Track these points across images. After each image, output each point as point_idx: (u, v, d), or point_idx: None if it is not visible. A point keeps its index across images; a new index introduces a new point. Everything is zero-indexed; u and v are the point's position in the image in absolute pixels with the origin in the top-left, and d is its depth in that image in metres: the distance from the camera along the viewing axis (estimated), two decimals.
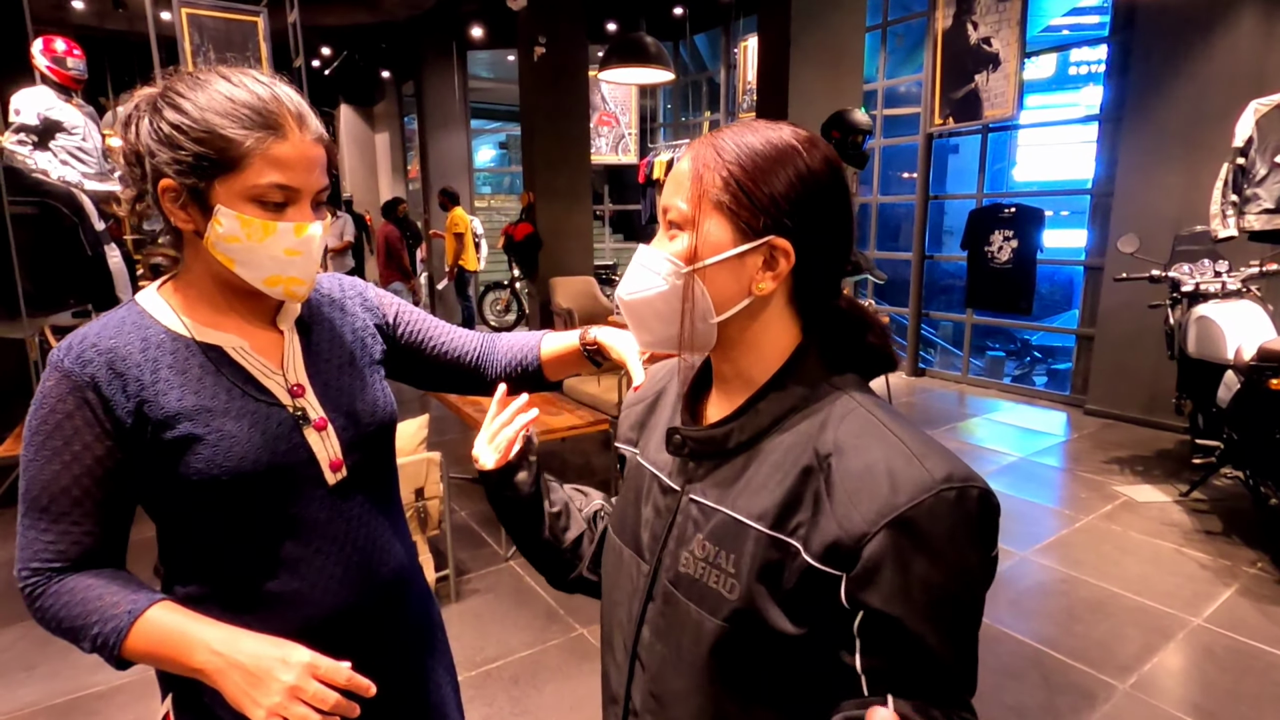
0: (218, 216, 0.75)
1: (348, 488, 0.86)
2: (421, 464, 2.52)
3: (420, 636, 0.97)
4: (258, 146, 0.74)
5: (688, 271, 0.63)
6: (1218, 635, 2.39)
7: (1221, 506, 3.39)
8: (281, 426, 0.81)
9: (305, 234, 0.77)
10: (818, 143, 0.64)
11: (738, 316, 0.64)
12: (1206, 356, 3.29)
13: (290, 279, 0.79)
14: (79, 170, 3.83)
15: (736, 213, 0.61)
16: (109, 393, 0.74)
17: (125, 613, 0.73)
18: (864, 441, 0.60)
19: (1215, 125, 3.96)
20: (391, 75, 10.73)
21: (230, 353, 0.81)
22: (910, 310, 6.25)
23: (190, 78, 0.76)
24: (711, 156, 0.62)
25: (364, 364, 0.92)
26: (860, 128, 3.66)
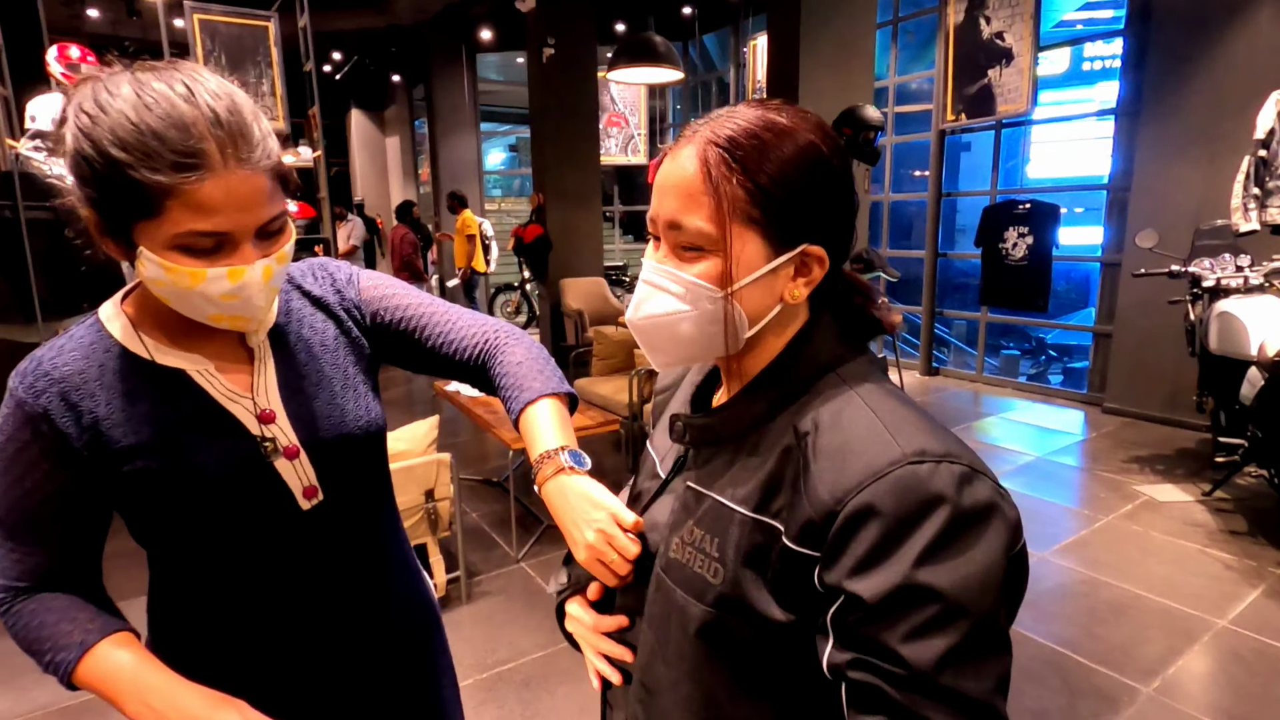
0: (141, 259, 0.65)
1: (324, 512, 0.81)
2: (432, 465, 2.51)
3: (415, 645, 0.94)
4: (177, 189, 0.61)
5: (724, 296, 0.59)
6: (1245, 638, 2.34)
7: (1246, 506, 3.32)
8: (247, 457, 0.75)
9: (241, 280, 0.66)
10: (831, 138, 0.60)
11: (767, 326, 0.62)
12: (1229, 352, 3.23)
13: (235, 318, 0.70)
14: None
15: (766, 225, 0.57)
16: (62, 425, 0.70)
17: (77, 644, 0.72)
18: (840, 418, 0.57)
19: (1235, 117, 3.89)
20: (402, 79, 10.79)
21: (194, 376, 0.75)
22: (924, 309, 6.19)
23: (108, 84, 0.63)
24: (725, 162, 0.56)
25: (346, 373, 0.84)
26: (872, 124, 3.63)
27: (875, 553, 0.50)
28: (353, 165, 12.22)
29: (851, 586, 0.51)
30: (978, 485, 0.52)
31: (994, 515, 0.52)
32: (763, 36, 6.81)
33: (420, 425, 2.65)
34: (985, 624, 0.50)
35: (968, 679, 0.49)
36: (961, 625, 0.49)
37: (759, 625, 0.57)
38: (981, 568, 0.50)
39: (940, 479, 0.51)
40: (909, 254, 6.43)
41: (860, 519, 0.51)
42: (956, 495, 0.50)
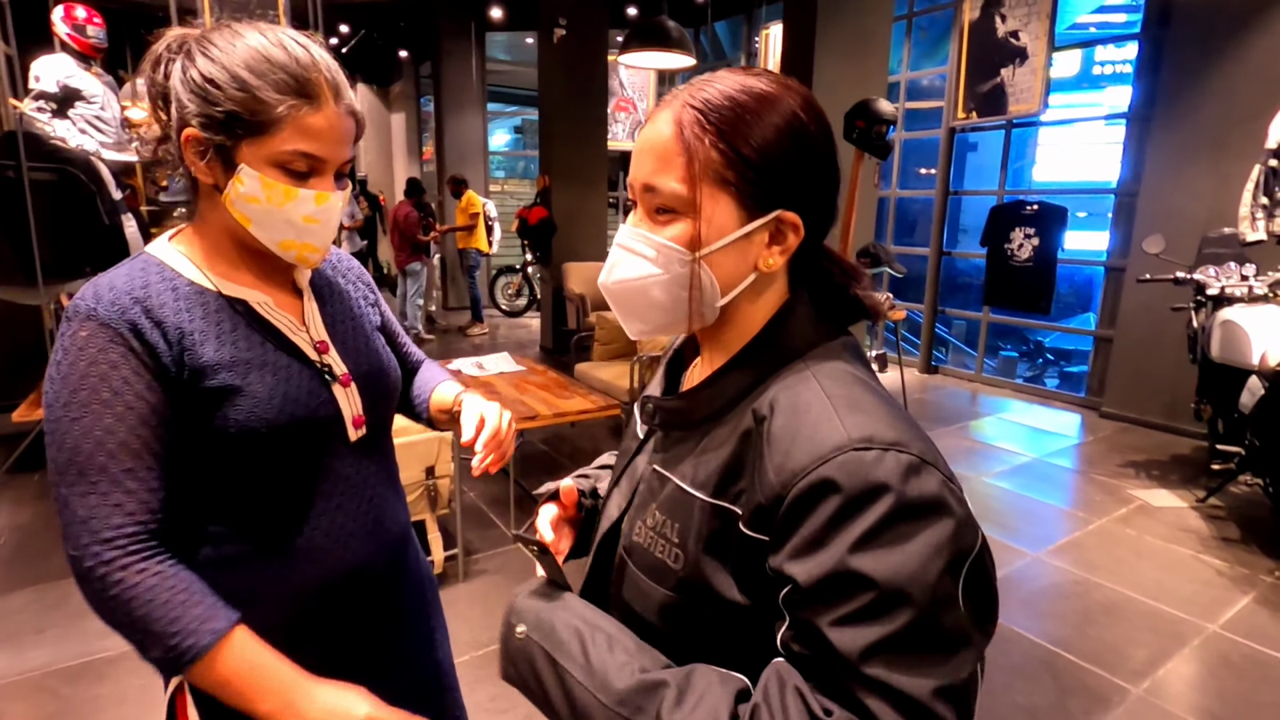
0: (240, 175, 0.72)
1: (366, 445, 0.87)
2: (433, 442, 2.51)
3: (421, 594, 0.99)
4: (291, 114, 0.71)
5: (693, 259, 0.58)
6: (1234, 643, 2.36)
7: (1240, 513, 3.34)
8: (312, 381, 0.81)
9: (326, 203, 0.76)
10: (811, 104, 0.59)
11: (738, 296, 0.61)
12: (1230, 361, 3.24)
13: (305, 245, 0.78)
14: (97, 139, 3.82)
15: (741, 188, 0.56)
16: (151, 339, 0.71)
17: (209, 631, 0.68)
18: (795, 401, 0.56)
19: (1247, 126, 3.88)
20: (409, 55, 10.68)
21: (256, 307, 0.80)
22: (926, 307, 6.20)
23: (229, 30, 0.74)
24: (700, 123, 0.56)
25: (371, 330, 0.94)
26: (885, 117, 3.60)
27: (814, 537, 0.50)
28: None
29: (790, 570, 0.50)
30: (925, 477, 0.50)
31: (939, 509, 0.50)
32: (775, 25, 6.75)
33: None
34: (926, 621, 0.48)
35: (900, 674, 0.47)
36: (897, 617, 0.47)
37: (720, 608, 0.57)
38: (919, 561, 0.48)
39: (885, 467, 0.49)
40: (913, 251, 6.42)
41: (803, 503, 0.51)
42: (901, 484, 0.49)
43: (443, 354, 6.42)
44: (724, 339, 0.64)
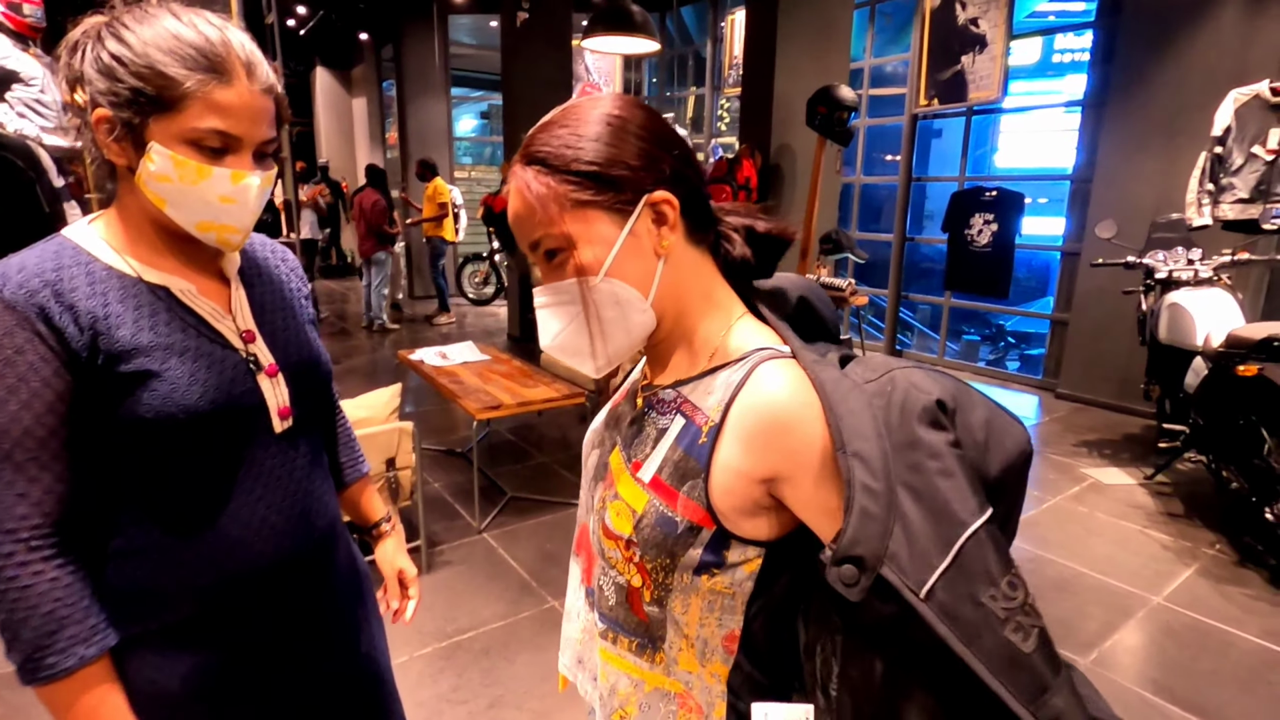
0: (150, 154, 0.71)
1: (293, 436, 0.86)
2: (393, 433, 2.48)
3: (351, 587, 0.98)
4: (199, 89, 0.70)
5: (599, 283, 0.61)
6: (1176, 613, 2.46)
7: (1184, 490, 3.47)
8: (235, 370, 0.80)
9: (242, 182, 0.74)
10: (618, 96, 0.64)
11: (664, 288, 0.63)
12: (1176, 342, 3.35)
13: (224, 226, 0.76)
14: (37, 123, 3.66)
15: (602, 199, 0.60)
16: (60, 323, 0.69)
17: (76, 654, 0.69)
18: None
19: (1195, 114, 3.99)
20: (370, 38, 10.42)
21: (178, 294, 0.79)
22: (890, 292, 6.28)
23: (139, 11, 0.73)
24: (536, 174, 0.60)
25: (303, 320, 0.93)
26: (846, 104, 3.63)
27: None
28: (317, 126, 11.83)
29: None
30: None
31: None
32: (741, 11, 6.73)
33: (383, 393, 2.61)
34: None
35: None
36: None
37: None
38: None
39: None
40: (877, 237, 6.50)
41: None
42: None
43: (410, 343, 6.33)
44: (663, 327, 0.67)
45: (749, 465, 0.58)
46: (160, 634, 0.77)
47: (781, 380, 0.59)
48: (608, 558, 0.67)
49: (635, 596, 0.65)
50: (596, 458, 0.75)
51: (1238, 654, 2.24)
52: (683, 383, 0.66)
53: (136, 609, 0.76)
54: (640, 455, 0.65)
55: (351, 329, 7.27)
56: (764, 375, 0.59)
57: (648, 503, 0.62)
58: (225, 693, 0.81)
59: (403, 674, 2.08)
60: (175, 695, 0.78)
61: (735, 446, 0.59)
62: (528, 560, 2.74)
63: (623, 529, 0.63)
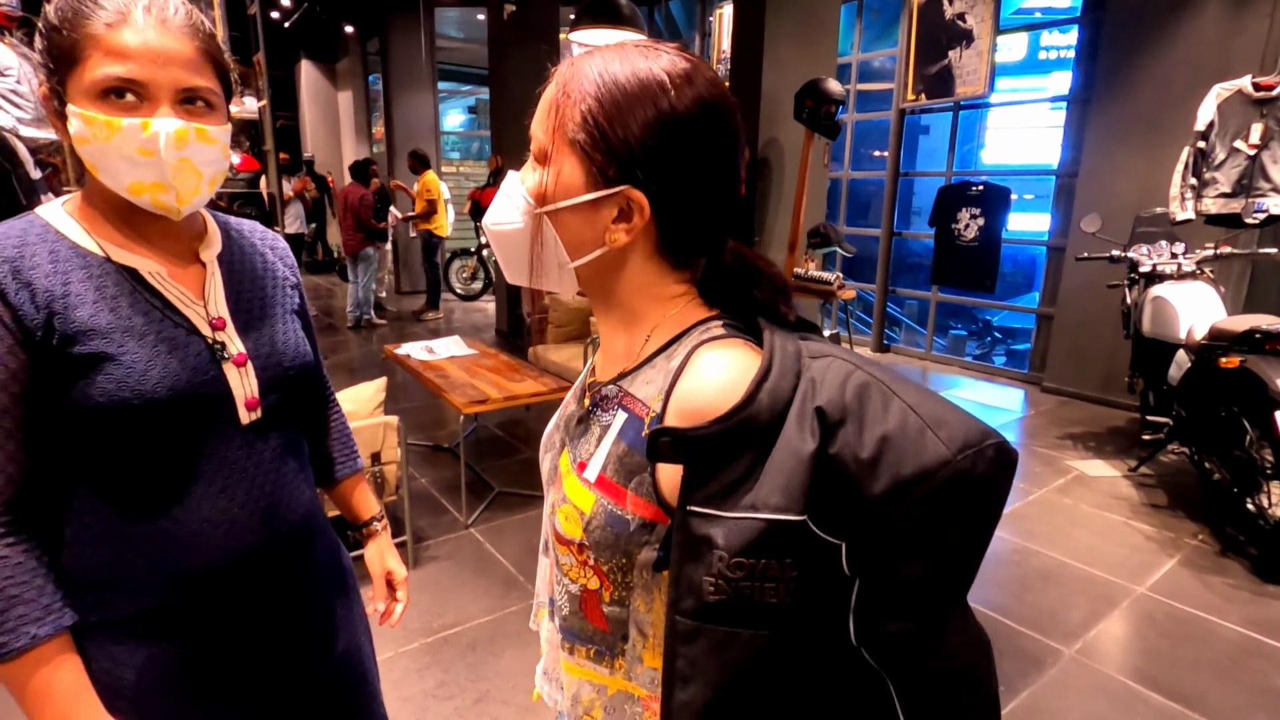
0: (69, 117, 0.70)
1: (261, 428, 0.83)
2: (378, 428, 2.45)
3: (329, 582, 0.95)
4: (93, 35, 0.68)
5: (538, 213, 0.59)
6: (1159, 603, 2.48)
7: (1168, 481, 3.50)
8: (199, 358, 0.77)
9: (150, 130, 0.70)
10: (694, 79, 0.56)
11: (597, 267, 0.60)
12: (1160, 336, 3.38)
13: (153, 185, 0.73)
14: (13, 114, 3.59)
15: (590, 155, 0.56)
16: (16, 301, 0.68)
17: (26, 633, 0.68)
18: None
19: (1179, 109, 4.02)
20: (355, 30, 10.32)
21: (146, 276, 0.77)
22: (877, 287, 6.30)
23: None
24: (575, 85, 0.56)
25: (284, 309, 0.90)
26: (834, 97, 3.62)
27: None
28: (302, 119, 11.71)
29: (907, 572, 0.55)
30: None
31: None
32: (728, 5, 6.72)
33: (367, 387, 2.58)
34: None
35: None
36: None
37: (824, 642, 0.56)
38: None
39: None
40: (865, 232, 6.51)
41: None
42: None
43: (396, 338, 6.28)
44: (603, 317, 0.65)
45: None
46: (118, 624, 0.76)
47: (722, 363, 0.55)
48: (561, 565, 0.64)
49: (592, 600, 0.62)
50: (550, 462, 0.71)
51: (1219, 642, 2.26)
52: (623, 375, 0.63)
53: (93, 598, 0.75)
54: (585, 454, 0.62)
55: (338, 324, 7.21)
56: (704, 359, 0.56)
57: (595, 503, 0.59)
58: (186, 687, 0.79)
59: (388, 670, 2.06)
60: (132, 687, 0.76)
61: None
62: (515, 555, 2.72)
63: (572, 533, 0.60)
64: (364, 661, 1.00)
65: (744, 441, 0.50)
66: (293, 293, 0.93)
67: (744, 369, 0.54)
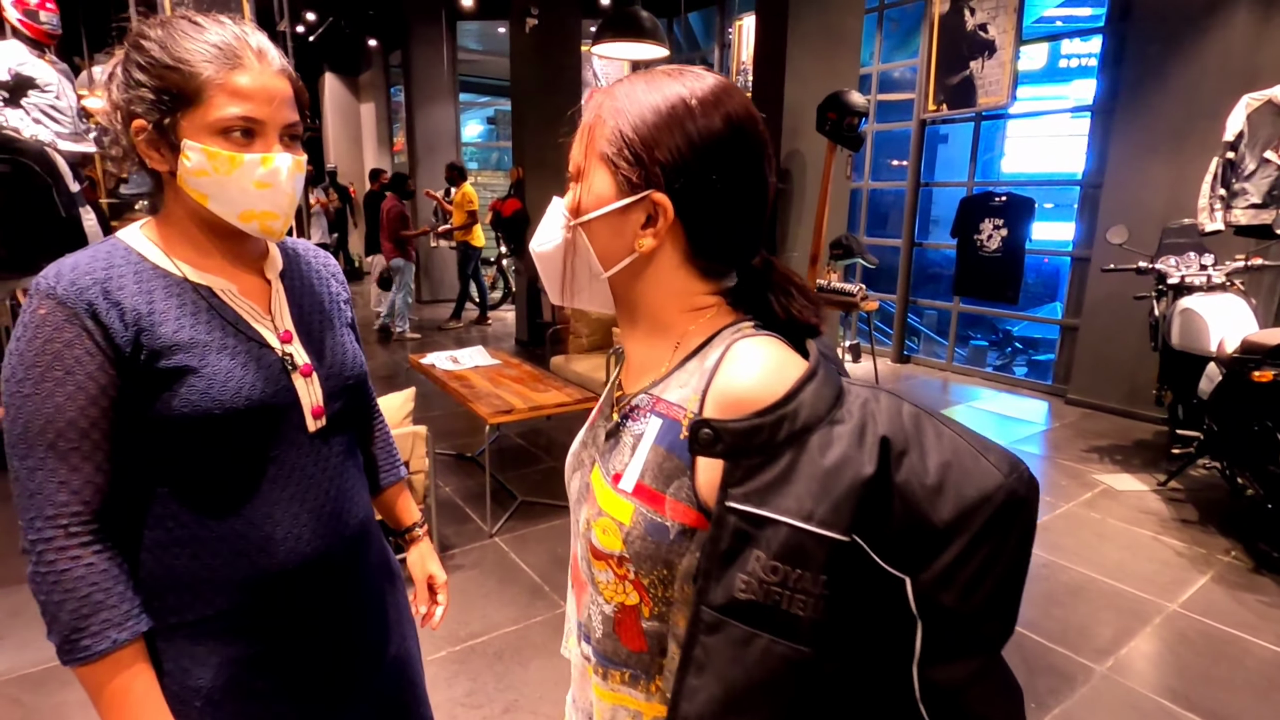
0: (185, 151, 0.75)
1: (325, 435, 0.87)
2: (407, 437, 2.49)
3: (384, 584, 0.99)
4: (216, 77, 0.74)
5: (572, 225, 0.62)
6: (1192, 620, 2.44)
7: (1198, 496, 3.45)
8: (272, 369, 0.82)
9: (272, 165, 0.77)
10: (722, 101, 0.59)
11: (629, 276, 0.62)
12: (1189, 348, 3.33)
13: (264, 213, 0.79)
14: (52, 129, 3.70)
15: (617, 165, 0.59)
16: (107, 320, 0.73)
17: (108, 637, 0.72)
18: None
19: (1207, 119, 3.98)
20: (379, 44, 10.49)
21: (220, 294, 0.82)
22: (898, 297, 6.28)
23: (156, 20, 0.78)
24: (607, 107, 0.60)
25: (340, 322, 0.96)
26: (856, 109, 3.63)
27: None
28: (326, 131, 11.89)
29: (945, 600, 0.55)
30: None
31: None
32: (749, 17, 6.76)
33: (396, 396, 2.62)
34: None
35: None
36: None
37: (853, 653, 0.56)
38: None
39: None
40: (885, 242, 6.49)
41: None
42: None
43: (418, 348, 6.35)
44: (630, 328, 0.66)
45: None
46: (194, 626, 0.79)
47: (760, 353, 0.56)
48: (598, 582, 0.63)
49: (629, 619, 0.61)
50: (578, 481, 0.70)
51: (1254, 661, 2.22)
52: (654, 385, 0.63)
53: (171, 601, 0.78)
54: (619, 465, 0.62)
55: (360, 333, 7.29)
56: (739, 352, 0.57)
57: (634, 512, 0.58)
58: (259, 688, 0.82)
59: None
60: (206, 688, 0.79)
61: None
62: (539, 564, 2.74)
63: (612, 546, 0.60)
64: (413, 664, 1.03)
65: (784, 439, 0.50)
66: (346, 307, 0.99)
67: (781, 362, 0.55)
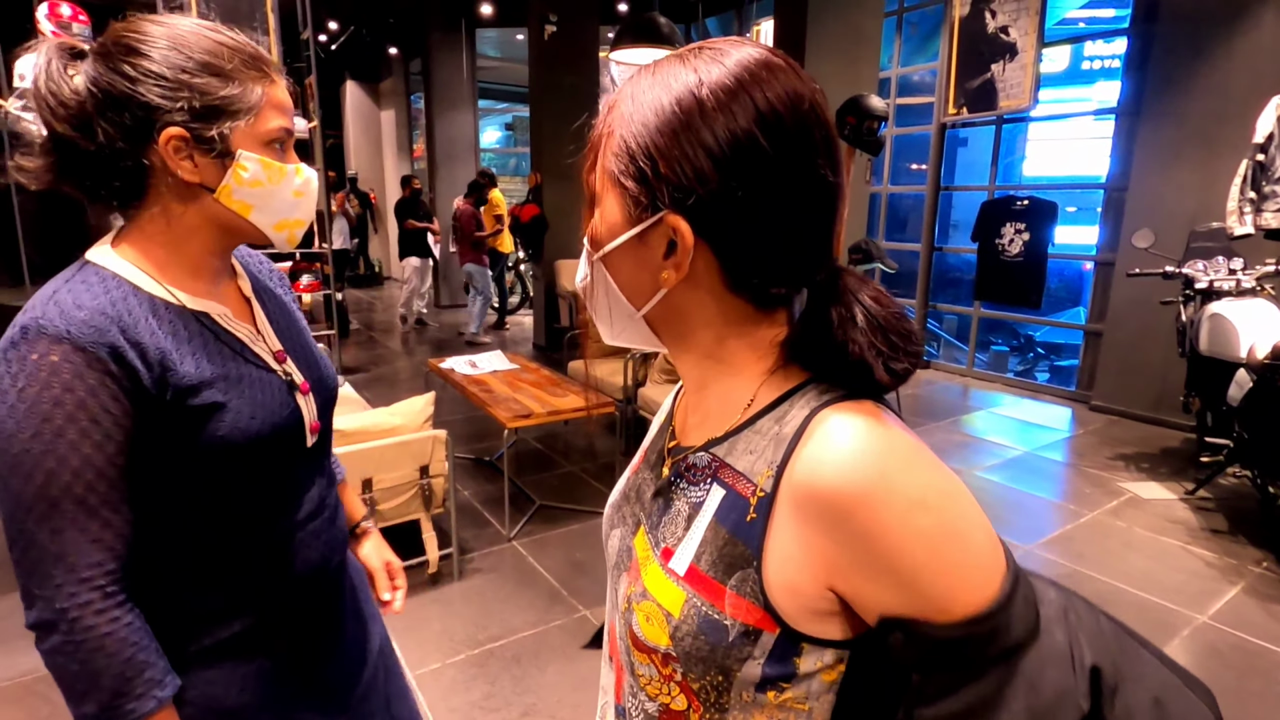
0: (242, 162, 0.74)
1: (318, 450, 0.88)
2: (427, 441, 2.50)
3: (362, 580, 1.02)
4: (267, 91, 0.74)
5: (595, 260, 0.52)
6: (1223, 633, 2.39)
7: (1228, 505, 3.38)
8: (280, 392, 0.81)
9: (304, 175, 0.79)
10: (745, 87, 0.46)
11: (667, 313, 0.51)
12: (1218, 354, 3.27)
13: (296, 221, 0.80)
14: None
15: (625, 186, 0.48)
16: (132, 361, 0.67)
17: (154, 697, 0.69)
18: None
19: (1235, 121, 3.91)
20: (399, 52, 10.62)
21: (218, 319, 0.79)
22: (917, 302, 6.22)
23: (150, 22, 0.71)
24: (614, 116, 0.49)
25: (308, 331, 0.95)
26: (876, 113, 3.61)
27: None
28: (346, 138, 12.05)
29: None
30: None
31: None
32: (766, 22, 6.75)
33: (417, 401, 2.64)
34: None
35: None
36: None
37: None
38: None
39: None
40: (905, 246, 6.44)
41: None
42: None
43: (437, 352, 6.40)
44: (686, 371, 0.56)
45: (817, 552, 0.45)
46: (216, 649, 0.78)
47: (853, 432, 0.44)
48: (638, 675, 0.52)
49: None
50: (617, 541, 0.60)
51: None
52: (716, 442, 0.52)
53: (194, 628, 0.77)
54: (671, 539, 0.52)
55: (379, 337, 7.36)
56: (831, 426, 0.45)
57: (685, 603, 0.48)
58: (281, 696, 0.82)
59: (435, 680, 2.09)
60: (236, 708, 0.78)
61: (796, 526, 0.45)
62: (557, 569, 2.74)
63: (657, 639, 0.49)
64: (393, 652, 1.07)
65: (994, 656, 0.42)
66: (295, 306, 0.95)
67: (879, 442, 0.44)
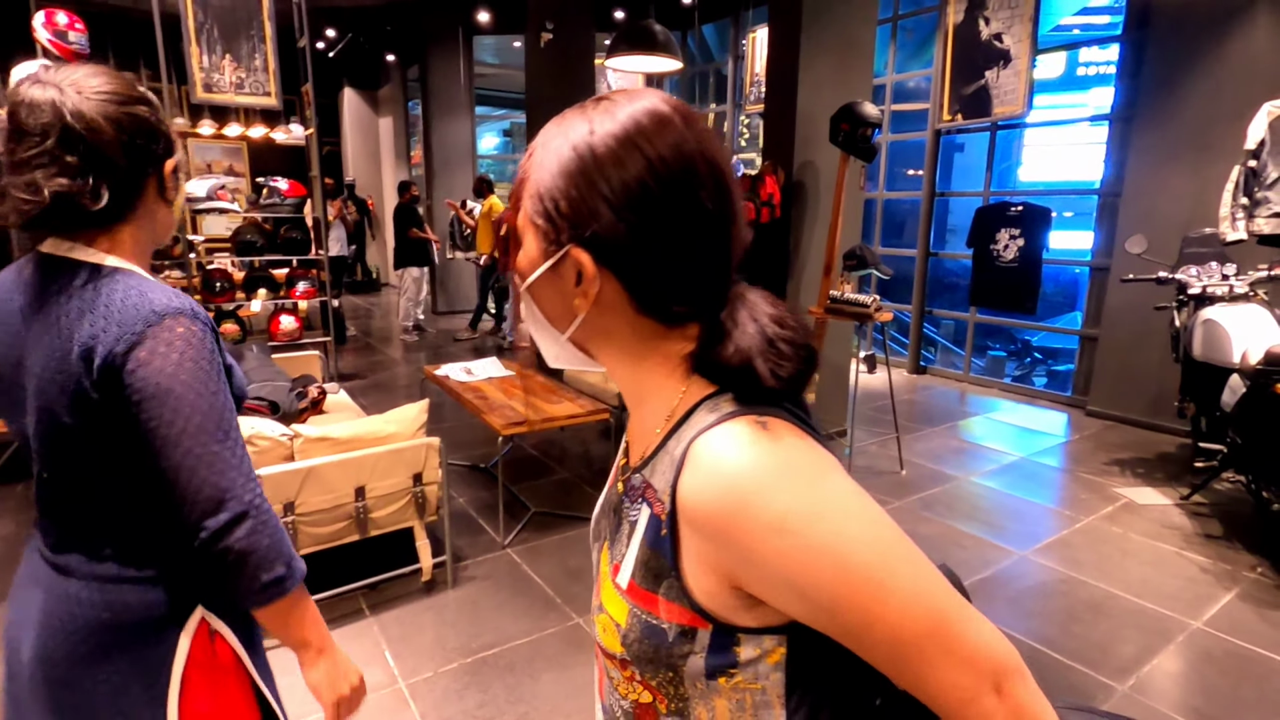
0: (184, 183, 0.96)
1: None
2: (421, 449, 2.50)
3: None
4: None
5: (521, 291, 0.58)
6: (1217, 639, 2.38)
7: (1222, 510, 3.38)
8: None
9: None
10: (632, 137, 0.51)
11: (589, 336, 0.57)
12: (1212, 359, 3.28)
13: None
14: None
15: (538, 224, 0.54)
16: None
17: (300, 560, 0.89)
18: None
19: (1227, 127, 3.93)
20: (396, 59, 10.65)
21: None
22: (913, 307, 6.23)
23: (53, 76, 0.87)
24: (529, 165, 0.56)
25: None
26: (870, 120, 3.62)
27: None
28: (344, 145, 12.07)
29: None
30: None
31: None
32: (762, 29, 6.78)
33: (410, 408, 2.64)
34: None
35: None
36: None
37: None
38: None
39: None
40: (901, 252, 6.46)
41: None
42: None
43: (434, 359, 6.39)
44: (622, 392, 0.63)
45: (715, 563, 0.49)
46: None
47: (724, 457, 0.48)
48: (611, 677, 0.60)
49: (648, 716, 0.58)
50: (596, 553, 0.66)
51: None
52: (645, 462, 0.57)
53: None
54: (618, 556, 0.58)
55: (376, 344, 7.36)
56: (703, 450, 0.50)
57: (629, 613, 0.54)
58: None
59: (428, 689, 2.08)
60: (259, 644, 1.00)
61: (692, 540, 0.50)
62: (552, 576, 2.74)
63: (613, 647, 0.56)
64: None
65: None
66: None
67: (745, 466, 0.48)
